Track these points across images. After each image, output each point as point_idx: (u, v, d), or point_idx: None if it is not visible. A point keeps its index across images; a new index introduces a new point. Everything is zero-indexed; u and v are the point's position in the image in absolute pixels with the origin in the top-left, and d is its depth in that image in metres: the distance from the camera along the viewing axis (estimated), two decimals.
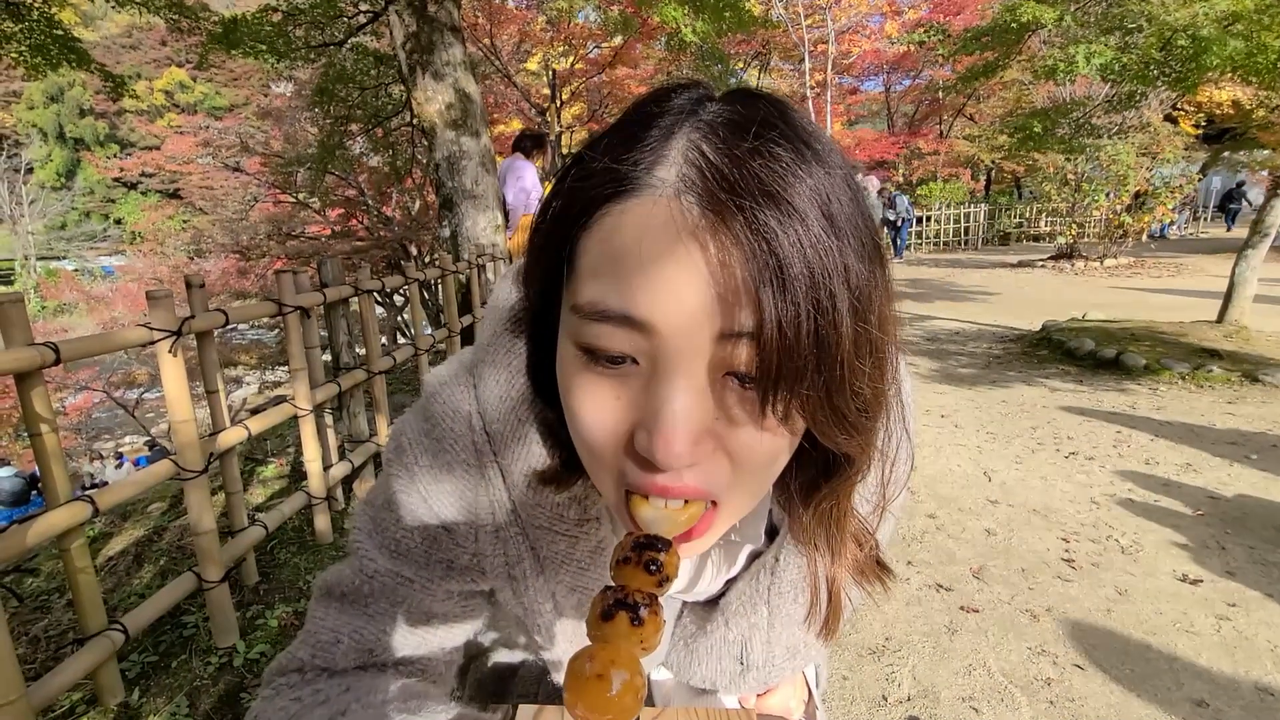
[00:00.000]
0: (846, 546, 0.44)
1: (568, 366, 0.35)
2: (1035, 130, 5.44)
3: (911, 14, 16.27)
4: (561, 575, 0.48)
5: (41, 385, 1.32)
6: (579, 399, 0.35)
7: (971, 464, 3.10)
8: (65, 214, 30.51)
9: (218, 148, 10.58)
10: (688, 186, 0.30)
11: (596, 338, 0.32)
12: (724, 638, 0.54)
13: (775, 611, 0.52)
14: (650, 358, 0.32)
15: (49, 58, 5.27)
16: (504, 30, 10.98)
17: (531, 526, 0.46)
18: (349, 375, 2.46)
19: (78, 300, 13.94)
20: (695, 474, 0.34)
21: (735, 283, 0.30)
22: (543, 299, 0.39)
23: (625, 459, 0.35)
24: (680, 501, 0.35)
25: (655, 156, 0.32)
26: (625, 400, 0.34)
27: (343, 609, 0.49)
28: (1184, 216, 14.36)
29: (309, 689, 0.48)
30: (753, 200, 0.29)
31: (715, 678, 0.55)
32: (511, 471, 0.45)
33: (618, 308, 0.31)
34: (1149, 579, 2.13)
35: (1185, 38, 3.55)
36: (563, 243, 0.35)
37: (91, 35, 29.59)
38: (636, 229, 0.31)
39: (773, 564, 0.51)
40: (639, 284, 0.31)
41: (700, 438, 0.33)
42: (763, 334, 0.30)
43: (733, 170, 0.30)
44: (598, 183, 0.32)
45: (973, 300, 8.08)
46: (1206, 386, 3.99)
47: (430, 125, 4.26)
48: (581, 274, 0.33)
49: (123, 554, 2.30)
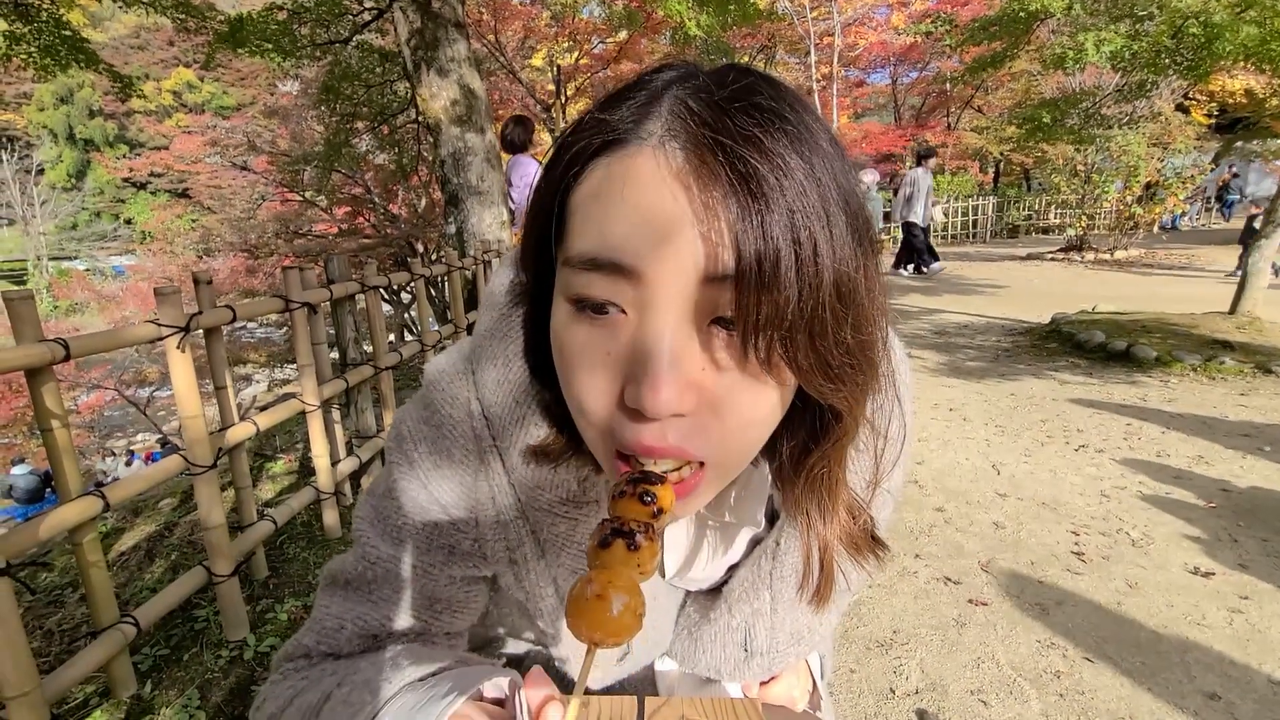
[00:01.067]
0: (838, 516, 0.43)
1: (560, 325, 0.36)
2: (1044, 121, 5.38)
3: (919, 5, 16.14)
4: (563, 559, 0.48)
5: (52, 381, 1.33)
6: (571, 356, 0.35)
7: (980, 457, 3.08)
8: (76, 214, 30.79)
9: (225, 147, 10.64)
10: (672, 135, 0.31)
11: (586, 286, 0.33)
12: (728, 624, 0.54)
13: (778, 596, 0.52)
14: (638, 306, 0.32)
15: (58, 59, 5.32)
16: (508, 26, 10.97)
17: (532, 509, 0.47)
18: (356, 371, 2.47)
19: (89, 300, 14.09)
20: (681, 432, 0.34)
21: (719, 223, 0.30)
22: (539, 267, 0.40)
23: (616, 415, 0.35)
24: (669, 462, 0.35)
25: (643, 113, 0.33)
26: (615, 356, 0.34)
27: (347, 596, 0.49)
28: (1196, 207, 14.19)
29: (315, 670, 0.48)
30: (734, 142, 0.30)
31: (720, 665, 0.55)
32: (511, 456, 0.46)
33: (606, 255, 0.32)
34: (1160, 572, 2.11)
35: (1197, 24, 3.50)
36: (555, 202, 0.35)
37: (100, 36, 29.79)
38: (623, 178, 0.32)
39: (774, 549, 0.51)
40: (626, 231, 0.31)
41: (687, 385, 0.33)
42: (741, 268, 0.30)
43: (716, 118, 0.31)
44: (587, 139, 0.34)
45: (981, 293, 8.02)
46: (1219, 378, 3.95)
47: (435, 122, 4.27)
48: (572, 229, 0.34)
49: (134, 548, 2.32)
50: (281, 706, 0.47)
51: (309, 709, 0.45)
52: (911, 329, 6.12)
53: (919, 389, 4.19)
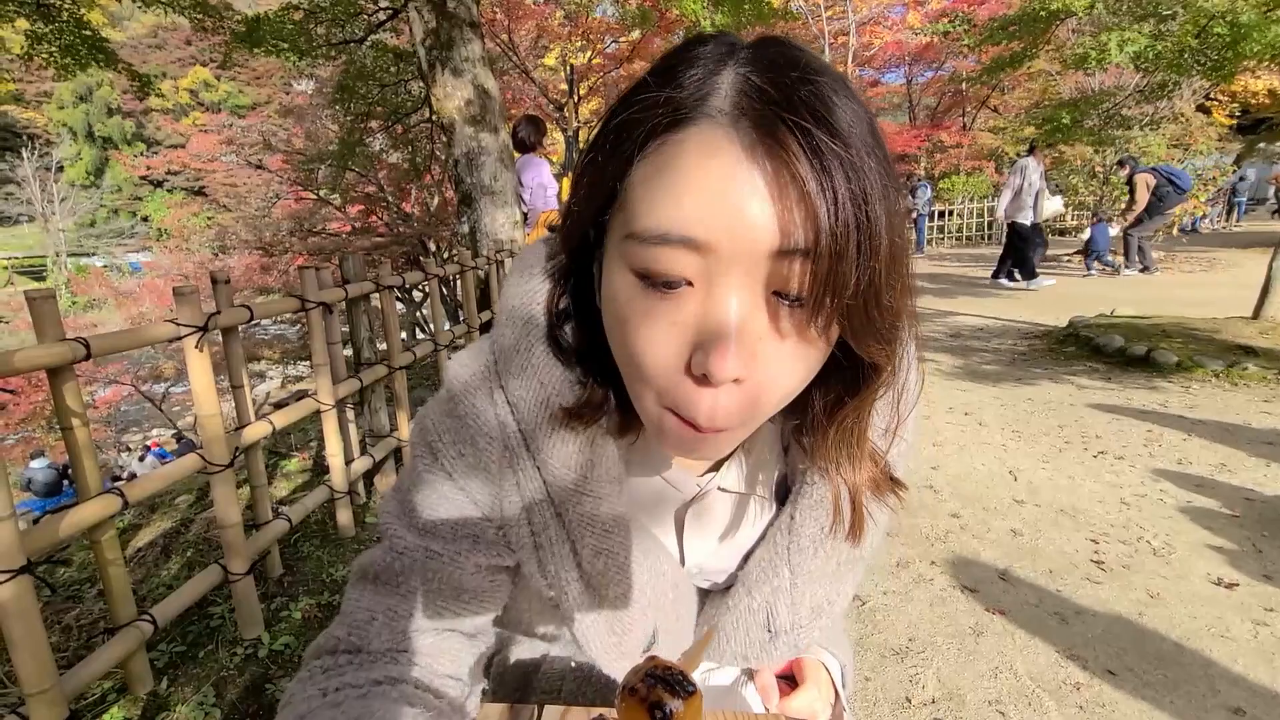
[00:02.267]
0: (864, 462, 0.47)
1: (623, 296, 0.37)
2: (1064, 122, 5.30)
3: (935, 4, 15.99)
4: (586, 539, 0.49)
5: (73, 380, 1.35)
6: (635, 325, 0.36)
7: (997, 463, 3.04)
8: (94, 211, 31.24)
9: (241, 145, 10.74)
10: (743, 113, 0.32)
11: (656, 261, 0.34)
12: (748, 607, 0.55)
13: (797, 570, 0.53)
14: (706, 278, 0.34)
15: (78, 58, 5.38)
16: (522, 25, 10.99)
17: (556, 488, 0.47)
18: (370, 371, 2.48)
19: (107, 296, 14.29)
20: (732, 401, 0.36)
21: (791, 201, 0.31)
22: (582, 240, 0.41)
23: (676, 380, 0.36)
24: None
25: (707, 89, 0.33)
26: (680, 325, 0.35)
27: (377, 589, 0.50)
28: (1217, 210, 13.97)
29: (335, 681, 0.47)
30: (802, 119, 0.31)
31: (745, 650, 0.56)
32: (543, 453, 0.47)
33: (679, 231, 0.33)
34: (1182, 582, 2.07)
35: (1223, 24, 3.44)
36: (616, 176, 0.36)
37: (119, 35, 30.20)
38: (696, 155, 0.33)
39: (789, 524, 0.53)
40: (700, 206, 0.32)
41: (750, 354, 0.35)
42: (819, 246, 0.32)
43: (784, 96, 0.32)
44: (652, 116, 0.34)
45: (996, 295, 7.94)
46: (1241, 384, 3.88)
47: (449, 121, 4.28)
48: (638, 202, 0.35)
49: (151, 545, 2.34)
50: (299, 715, 0.47)
51: None
52: (926, 331, 6.07)
53: (932, 393, 4.15)
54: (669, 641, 0.56)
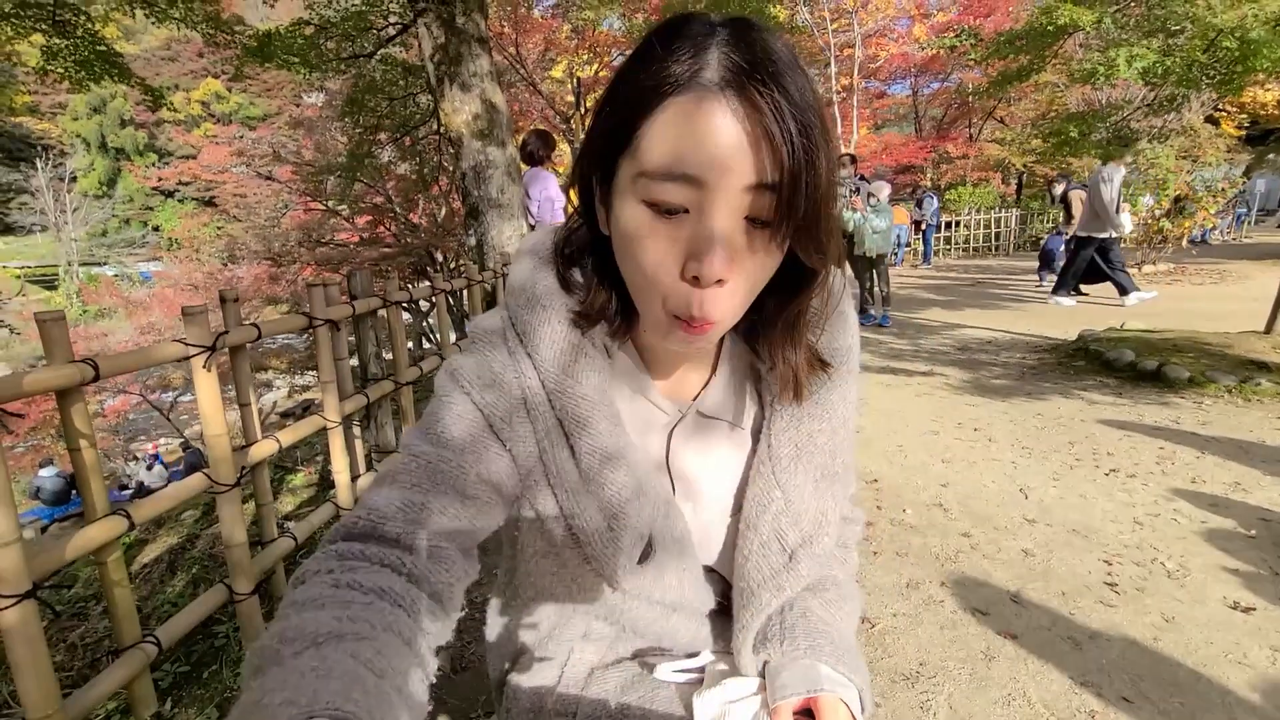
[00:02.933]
0: (802, 347, 0.59)
1: (634, 221, 0.47)
2: (1071, 135, 5.29)
3: (940, 17, 16.04)
4: (584, 438, 0.57)
5: (81, 401, 1.35)
6: (644, 243, 0.47)
7: (1007, 480, 3.01)
8: (106, 221, 31.57)
9: (251, 157, 10.84)
10: (726, 84, 0.42)
11: (663, 192, 0.44)
12: (760, 541, 0.61)
13: (786, 488, 0.61)
14: (698, 207, 0.44)
15: (92, 72, 5.47)
16: (529, 39, 11.09)
17: (557, 395, 0.57)
18: (377, 386, 2.48)
19: (117, 305, 14.42)
20: (716, 299, 0.47)
21: (762, 149, 0.42)
22: (600, 168, 0.51)
23: (674, 285, 0.47)
24: None
25: (698, 64, 0.43)
26: (679, 242, 0.46)
27: (393, 486, 0.55)
28: (1227, 221, 13.89)
29: (346, 576, 0.45)
30: (770, 89, 0.42)
31: (772, 578, 0.61)
32: (538, 350, 0.57)
33: (680, 169, 0.43)
34: (1198, 606, 2.04)
35: (1232, 39, 3.43)
36: (629, 128, 0.46)
37: (133, 48, 30.65)
38: (694, 114, 0.43)
39: (768, 451, 0.62)
40: (697, 152, 0.43)
41: (729, 261, 0.45)
42: (781, 181, 0.43)
43: (755, 72, 0.42)
44: (659, 83, 0.44)
45: (1004, 308, 7.90)
46: (1255, 401, 3.83)
47: (457, 135, 4.30)
48: (648, 150, 0.44)
49: (157, 561, 2.34)
50: (311, 599, 0.43)
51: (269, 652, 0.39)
52: (933, 344, 6.04)
53: (940, 408, 4.12)
54: (666, 559, 0.61)
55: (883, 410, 4.13)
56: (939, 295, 9.22)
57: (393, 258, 8.80)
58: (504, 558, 0.71)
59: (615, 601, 0.65)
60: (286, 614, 0.42)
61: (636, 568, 0.59)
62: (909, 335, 6.51)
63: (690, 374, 0.64)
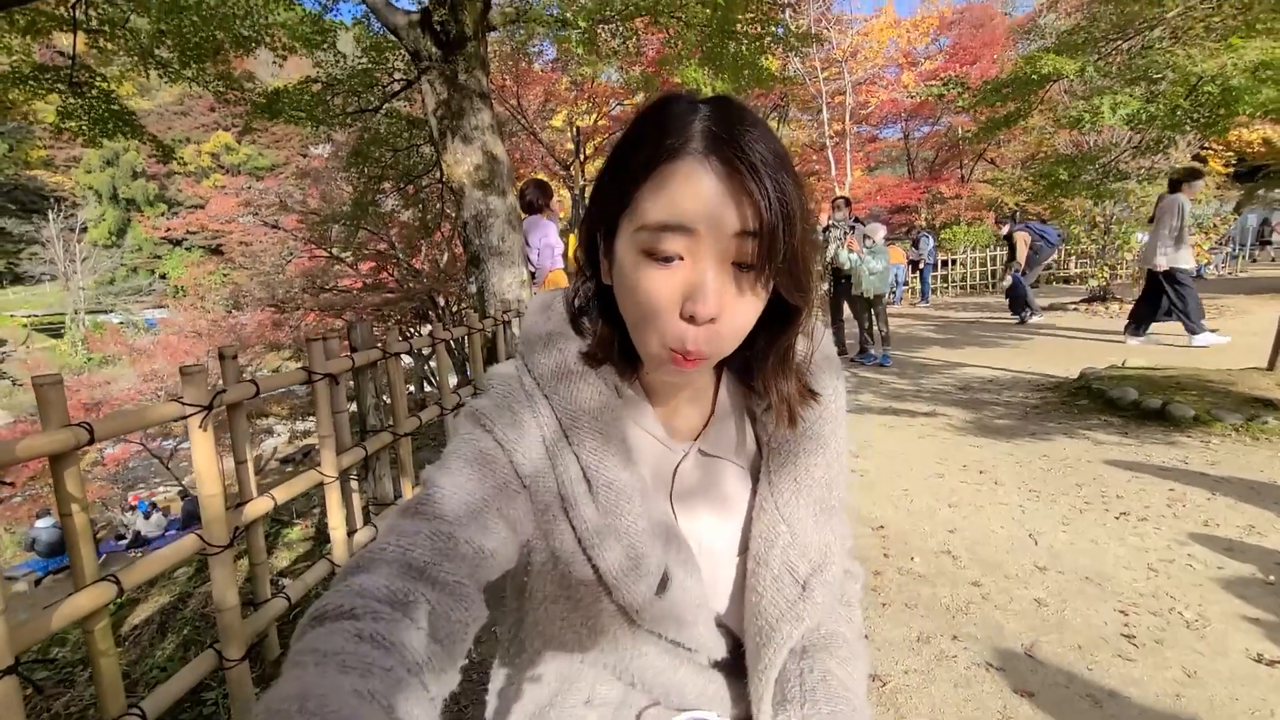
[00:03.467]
0: (792, 378, 0.64)
1: (634, 269, 0.53)
2: (1061, 177, 5.39)
3: (928, 65, 16.57)
4: (600, 473, 0.60)
5: (75, 465, 1.33)
6: (644, 286, 0.52)
7: (1015, 525, 2.95)
8: (114, 270, 32.02)
9: (258, 207, 11.05)
10: (710, 150, 0.50)
11: (659, 242, 0.51)
12: (772, 576, 0.63)
13: (790, 521, 0.64)
14: (692, 254, 0.51)
15: (106, 129, 5.62)
16: (530, 91, 11.43)
17: (574, 431, 0.61)
18: (376, 439, 2.46)
19: (121, 353, 14.49)
20: (707, 335, 0.52)
21: (744, 203, 0.49)
22: (602, 226, 0.57)
23: (672, 323, 0.52)
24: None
25: (684, 136, 0.50)
26: (673, 286, 0.51)
27: (417, 517, 0.57)
28: (1220, 256, 14.02)
29: (366, 622, 0.43)
30: (747, 154, 0.49)
31: (788, 611, 0.63)
32: (556, 392, 0.61)
33: (675, 221, 0.50)
34: (1220, 659, 1.97)
35: (1214, 85, 3.52)
36: (628, 190, 0.53)
37: (146, 104, 31.65)
38: (685, 176, 0.50)
39: (769, 485, 0.65)
40: (688, 207, 0.50)
41: (719, 301, 0.51)
42: (762, 229, 0.49)
43: (733, 140, 0.49)
44: (653, 153, 0.51)
45: (1004, 346, 7.90)
46: (1263, 439, 3.79)
47: (459, 186, 4.39)
48: (645, 207, 0.51)
49: (147, 622, 2.29)
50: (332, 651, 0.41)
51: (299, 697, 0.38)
52: (934, 384, 6.02)
53: (944, 449, 4.08)
54: (681, 594, 0.62)
55: (886, 452, 4.09)
56: (939, 334, 9.25)
57: (395, 303, 8.88)
58: (509, 613, 0.70)
59: (626, 646, 0.65)
60: (304, 661, 0.40)
61: (655, 598, 0.61)
62: (910, 375, 6.50)
63: (692, 414, 0.68)
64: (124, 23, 5.17)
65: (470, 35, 4.28)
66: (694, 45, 5.36)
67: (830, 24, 16.00)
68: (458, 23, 4.19)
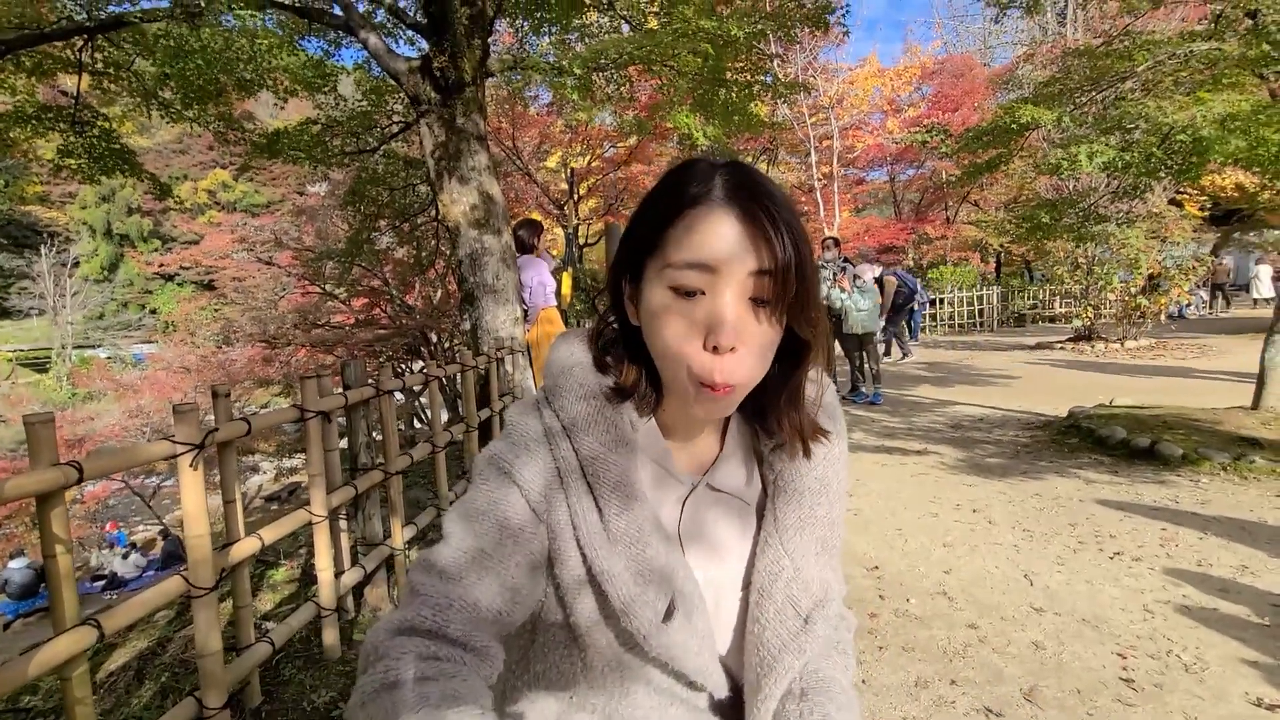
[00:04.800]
0: (804, 411, 0.67)
1: (660, 305, 0.57)
2: (1043, 220, 5.55)
3: (911, 111, 17.13)
4: (612, 502, 0.62)
5: (61, 505, 1.31)
6: (670, 320, 0.57)
7: (1010, 565, 2.94)
8: (104, 305, 31.86)
9: (253, 243, 11.10)
10: (730, 199, 0.56)
11: (683, 278, 0.55)
12: (776, 609, 0.65)
13: (794, 555, 0.66)
14: (712, 288, 0.55)
15: (105, 167, 5.67)
16: (526, 133, 11.69)
17: (589, 461, 0.63)
18: (366, 477, 2.44)
19: (107, 388, 14.30)
20: (731, 365, 0.55)
21: (760, 244, 0.55)
22: (629, 271, 0.62)
23: (696, 354, 0.56)
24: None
25: (707, 187, 0.57)
26: (697, 320, 0.56)
27: (444, 580, 0.59)
28: (1200, 297, 14.34)
29: (435, 667, 0.53)
30: (764, 201, 0.55)
31: (790, 643, 0.64)
32: (576, 424, 0.63)
33: (698, 259, 0.55)
34: (1220, 703, 1.95)
35: (1186, 135, 3.67)
36: (656, 233, 0.58)
37: (145, 142, 32.02)
38: (707, 220, 0.55)
39: (774, 520, 0.67)
40: (711, 247, 0.55)
41: (739, 332, 0.55)
42: (777, 268, 0.54)
43: (751, 191, 0.56)
44: (678, 201, 0.57)
45: (994, 384, 7.98)
46: (1251, 478, 3.82)
47: (455, 225, 4.45)
48: (671, 248, 0.56)
49: (125, 668, 2.21)
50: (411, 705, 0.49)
51: None
52: (926, 422, 6.05)
53: (939, 489, 4.07)
54: (684, 623, 0.63)
55: (880, 491, 4.08)
56: (929, 372, 9.33)
57: (387, 339, 8.86)
58: (513, 648, 0.71)
59: (614, 686, 0.65)
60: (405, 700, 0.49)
61: (662, 626, 0.62)
62: (902, 413, 6.53)
63: (703, 449, 0.71)
64: (129, 65, 5.28)
65: (469, 81, 4.40)
66: (686, 92, 5.53)
67: (817, 73, 16.56)
68: (457, 69, 4.32)
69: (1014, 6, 5.02)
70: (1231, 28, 4.03)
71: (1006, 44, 22.23)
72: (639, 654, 0.63)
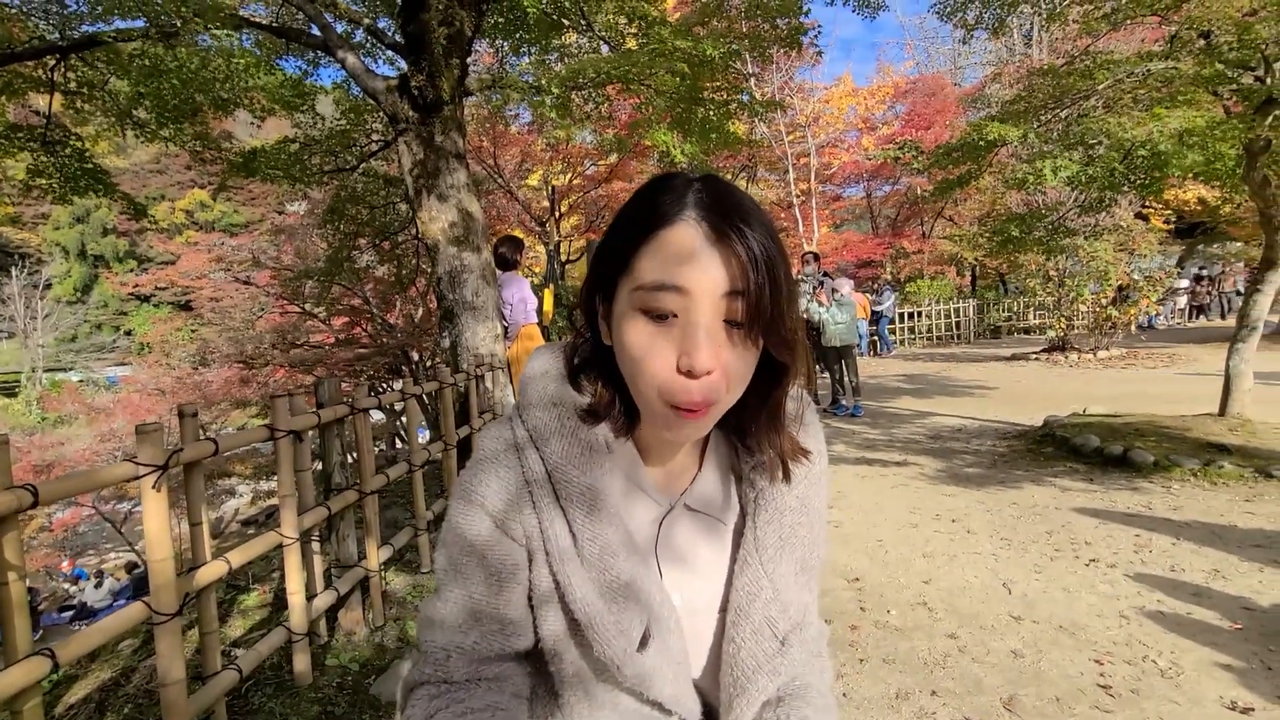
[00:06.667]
0: (784, 433, 0.65)
1: (631, 328, 0.55)
2: (1013, 234, 5.68)
3: (885, 129, 17.50)
4: (586, 525, 0.61)
5: (15, 530, 1.27)
6: (642, 344, 0.54)
7: (989, 574, 2.95)
8: (77, 327, 31.20)
9: (231, 263, 10.96)
10: (702, 218, 0.53)
11: (655, 300, 0.53)
12: (753, 629, 0.64)
13: (773, 577, 0.65)
14: (685, 311, 0.53)
15: (78, 187, 5.59)
16: (507, 151, 11.74)
17: (563, 484, 0.62)
18: (339, 497, 2.39)
19: (79, 412, 13.95)
20: (706, 387, 0.53)
21: (732, 264, 0.52)
22: (602, 290, 0.60)
23: (669, 378, 0.54)
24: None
25: (679, 205, 0.54)
26: (669, 343, 0.54)
27: (443, 630, 0.62)
28: (1168, 307, 14.70)
29: (444, 700, 0.60)
30: (736, 220, 0.53)
31: (765, 664, 0.64)
32: (547, 444, 0.62)
33: (670, 281, 0.52)
34: (1195, 707, 1.96)
35: (1145, 150, 3.79)
36: (628, 253, 0.56)
37: (122, 162, 31.66)
38: (678, 239, 0.53)
39: (754, 541, 0.66)
40: (683, 268, 0.52)
41: (713, 354, 0.53)
42: (749, 289, 0.52)
43: (722, 207, 0.53)
44: (649, 220, 0.55)
45: (971, 395, 8.08)
46: (1221, 484, 3.90)
47: (434, 243, 4.44)
48: (643, 268, 0.54)
49: (84, 701, 2.13)
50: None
51: None
52: (905, 433, 6.10)
53: (918, 498, 4.10)
54: (659, 649, 0.62)
55: (860, 504, 4.09)
56: (909, 384, 9.43)
57: (368, 358, 8.77)
58: None
59: (583, 715, 0.64)
60: None
61: (636, 655, 0.61)
62: (882, 425, 6.58)
63: (680, 470, 0.69)
64: (103, 85, 5.23)
65: (447, 100, 4.42)
66: (664, 110, 5.60)
67: (793, 92, 16.89)
68: (435, 88, 4.33)
69: (980, 28, 5.18)
70: (1186, 48, 4.19)
71: (976, 64, 22.86)
72: (609, 679, 0.62)
